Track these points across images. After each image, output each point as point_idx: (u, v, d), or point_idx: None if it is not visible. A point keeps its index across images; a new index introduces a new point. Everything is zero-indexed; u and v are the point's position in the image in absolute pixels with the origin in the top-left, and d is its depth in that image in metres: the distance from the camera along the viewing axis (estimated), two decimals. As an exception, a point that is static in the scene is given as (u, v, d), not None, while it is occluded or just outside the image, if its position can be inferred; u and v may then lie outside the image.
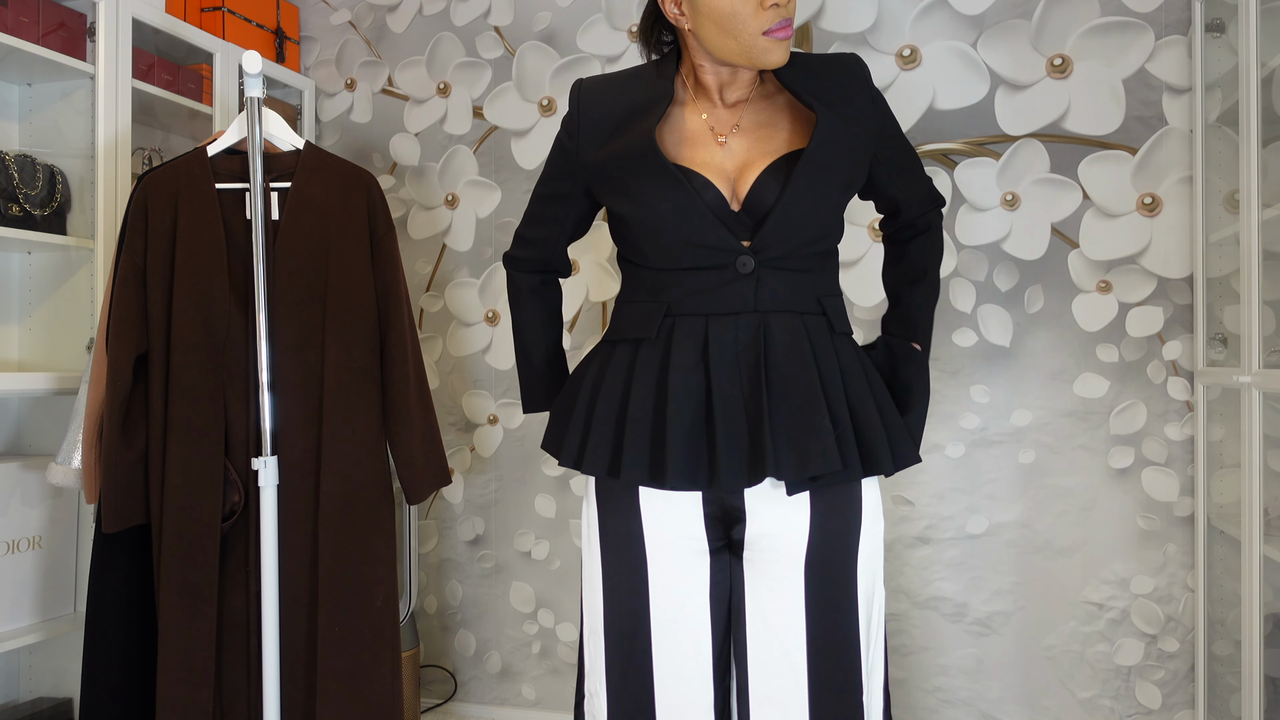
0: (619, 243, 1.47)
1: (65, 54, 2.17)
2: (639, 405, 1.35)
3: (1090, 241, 2.31)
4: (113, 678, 1.90)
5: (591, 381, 1.43)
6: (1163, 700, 2.27)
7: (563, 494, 2.69)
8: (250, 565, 1.92)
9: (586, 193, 1.48)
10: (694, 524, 1.38)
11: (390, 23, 2.87)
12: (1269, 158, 1.96)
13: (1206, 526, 2.19)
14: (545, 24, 2.70)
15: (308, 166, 1.99)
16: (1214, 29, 2.18)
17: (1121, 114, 2.29)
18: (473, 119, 2.78)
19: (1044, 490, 2.34)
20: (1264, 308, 1.91)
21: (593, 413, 1.40)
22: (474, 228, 2.78)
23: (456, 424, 2.79)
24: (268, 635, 1.86)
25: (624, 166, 1.37)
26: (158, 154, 2.56)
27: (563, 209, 1.51)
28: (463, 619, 2.79)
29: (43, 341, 2.29)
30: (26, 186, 2.15)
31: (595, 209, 1.53)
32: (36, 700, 2.29)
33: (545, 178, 1.52)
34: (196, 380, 1.89)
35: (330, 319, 1.95)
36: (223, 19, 2.65)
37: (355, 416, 1.95)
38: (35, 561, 2.21)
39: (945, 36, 2.39)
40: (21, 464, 2.19)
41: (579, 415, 1.42)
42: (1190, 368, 2.25)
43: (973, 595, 2.38)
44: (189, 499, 1.86)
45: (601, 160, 1.40)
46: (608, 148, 1.39)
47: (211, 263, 1.92)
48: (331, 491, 1.91)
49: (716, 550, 1.41)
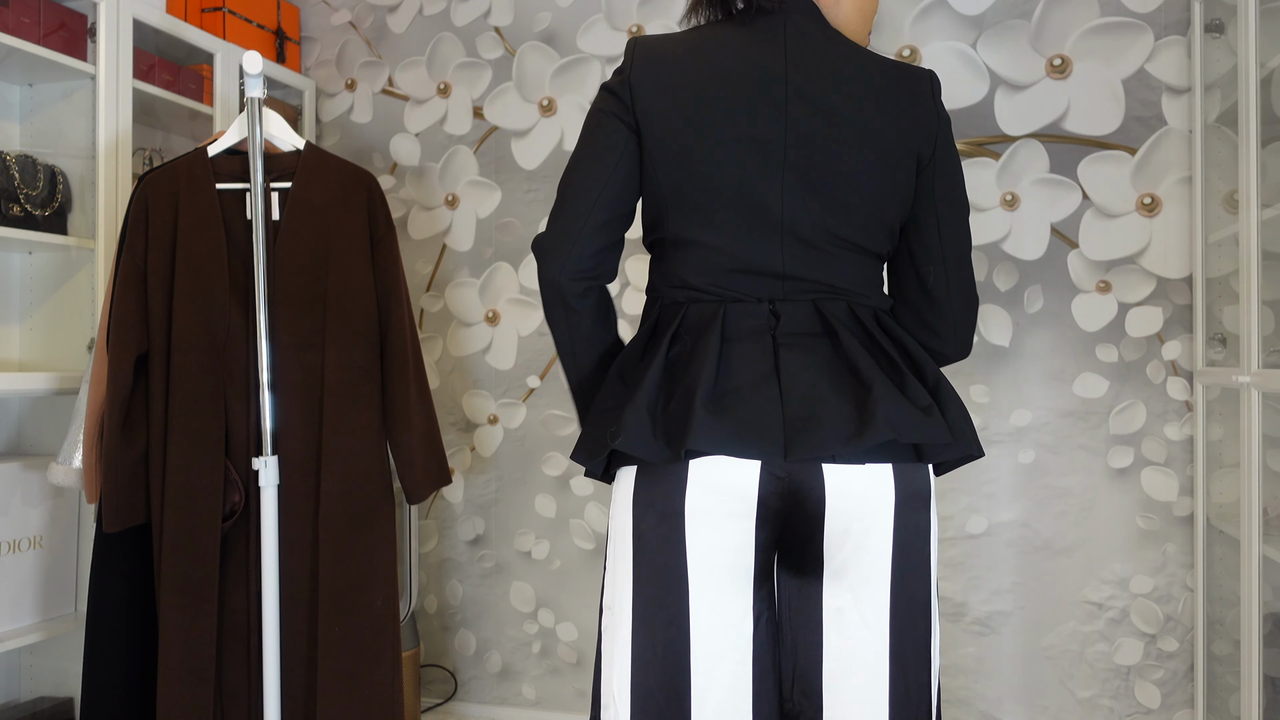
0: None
1: (66, 54, 2.17)
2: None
3: (1090, 242, 2.31)
4: (113, 677, 1.91)
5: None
6: (1162, 700, 2.27)
7: (563, 494, 2.69)
8: (250, 565, 1.92)
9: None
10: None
11: (390, 23, 2.87)
12: (1268, 158, 1.96)
13: (1206, 526, 2.19)
14: (545, 24, 2.71)
15: (308, 167, 2.00)
16: (1213, 29, 2.19)
17: (1121, 114, 2.29)
18: (473, 119, 2.78)
19: (1044, 490, 2.35)
20: (1263, 308, 1.91)
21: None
22: (474, 228, 2.78)
23: (456, 424, 2.79)
24: (268, 635, 1.86)
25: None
26: (158, 154, 2.56)
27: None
28: (463, 619, 2.79)
29: (43, 341, 2.30)
30: (27, 186, 2.16)
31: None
32: (37, 700, 2.29)
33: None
34: (197, 380, 1.89)
35: (330, 319, 1.95)
36: (223, 19, 2.65)
37: (355, 416, 1.95)
38: (36, 561, 2.21)
39: (945, 37, 2.39)
40: (22, 464, 2.19)
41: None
42: (1190, 368, 2.25)
43: (972, 595, 2.39)
44: (189, 499, 1.87)
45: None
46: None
47: (212, 263, 1.92)
48: (332, 491, 1.91)
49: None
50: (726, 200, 1.25)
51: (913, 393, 1.21)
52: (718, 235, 1.26)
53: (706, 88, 1.25)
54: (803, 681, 1.28)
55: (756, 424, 1.19)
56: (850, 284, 1.27)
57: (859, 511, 1.22)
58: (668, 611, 1.24)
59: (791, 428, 1.18)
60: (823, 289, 1.26)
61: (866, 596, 1.24)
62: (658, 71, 1.27)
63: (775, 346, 1.23)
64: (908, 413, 1.18)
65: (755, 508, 1.22)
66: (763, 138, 1.24)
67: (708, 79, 1.26)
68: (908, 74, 1.30)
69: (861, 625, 1.24)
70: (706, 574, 1.23)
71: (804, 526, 1.24)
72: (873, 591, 1.24)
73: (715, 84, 1.25)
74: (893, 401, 1.17)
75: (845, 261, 1.27)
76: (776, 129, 1.24)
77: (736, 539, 1.23)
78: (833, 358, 1.22)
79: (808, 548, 1.25)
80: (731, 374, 1.22)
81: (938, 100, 1.31)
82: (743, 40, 1.27)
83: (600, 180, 1.29)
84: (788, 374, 1.20)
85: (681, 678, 1.24)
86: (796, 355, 1.22)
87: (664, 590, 1.24)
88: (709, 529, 1.23)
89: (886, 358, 1.24)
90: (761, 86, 1.24)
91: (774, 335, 1.24)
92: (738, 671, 1.25)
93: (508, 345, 2.73)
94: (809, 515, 1.23)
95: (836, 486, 1.21)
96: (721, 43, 1.28)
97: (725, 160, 1.25)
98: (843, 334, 1.23)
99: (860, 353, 1.21)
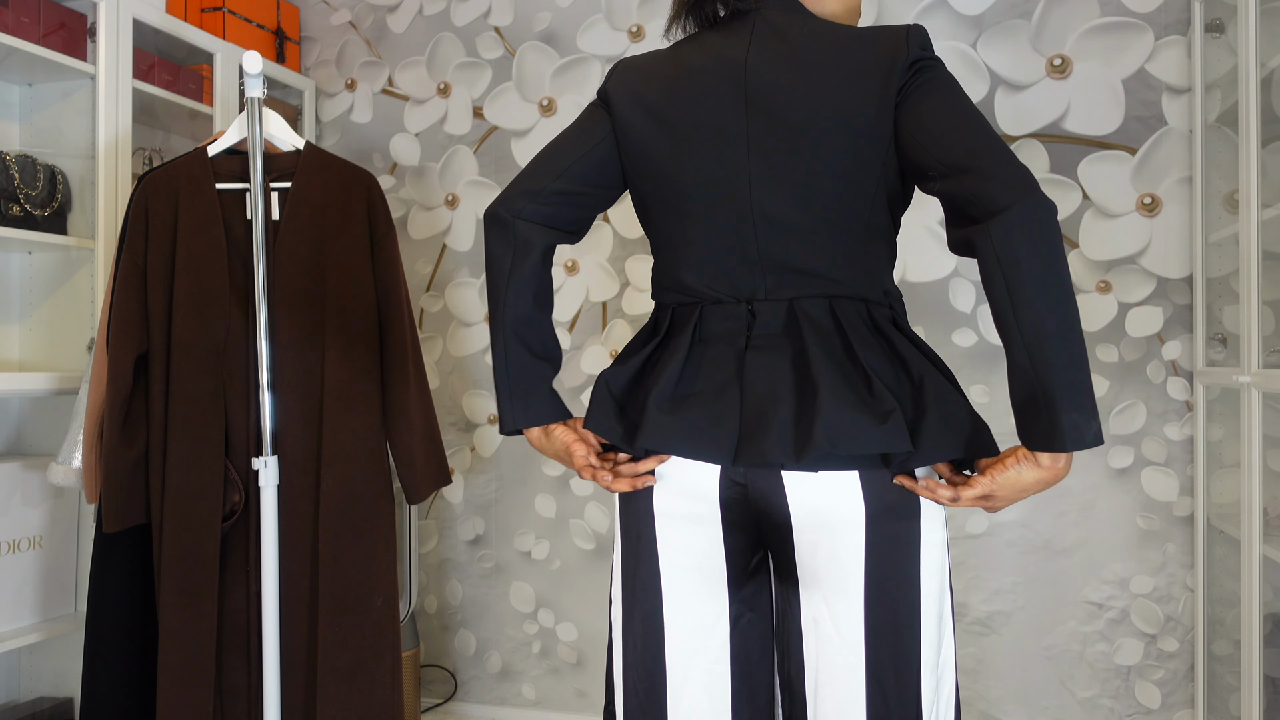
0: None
1: (66, 54, 2.17)
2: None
3: (1090, 241, 2.31)
4: (113, 677, 1.91)
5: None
6: (1162, 700, 2.27)
7: (563, 494, 2.69)
8: (250, 565, 1.92)
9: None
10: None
11: (390, 23, 2.87)
12: (1268, 158, 1.96)
13: (1206, 526, 2.19)
14: (545, 24, 2.70)
15: (308, 167, 2.00)
16: (1213, 29, 2.19)
17: (1121, 114, 2.29)
18: (473, 119, 2.78)
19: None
20: (1263, 308, 1.91)
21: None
22: (474, 228, 2.78)
23: (456, 424, 2.79)
24: (268, 635, 1.86)
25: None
26: (158, 154, 2.56)
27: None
28: (463, 619, 2.79)
29: (43, 341, 2.30)
30: (27, 186, 2.16)
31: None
32: (37, 700, 2.29)
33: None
34: (197, 380, 1.89)
35: (330, 319, 1.95)
36: (223, 19, 2.65)
37: (355, 416, 1.95)
38: (36, 561, 2.21)
39: (945, 37, 2.39)
40: (22, 464, 2.19)
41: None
42: (1190, 368, 2.25)
43: (972, 595, 2.39)
44: (189, 499, 1.87)
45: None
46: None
47: (212, 263, 1.92)
48: (332, 491, 1.91)
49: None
50: (698, 194, 1.24)
51: (875, 398, 1.12)
52: (694, 230, 1.25)
53: (674, 87, 1.26)
54: (790, 686, 1.28)
55: (710, 427, 1.17)
56: (831, 270, 1.20)
57: (826, 524, 1.18)
58: (644, 609, 1.27)
59: (745, 433, 1.16)
60: (804, 279, 1.21)
61: (841, 609, 1.20)
62: (633, 82, 1.29)
63: (747, 348, 1.21)
64: (856, 421, 1.11)
65: (719, 512, 1.22)
66: (726, 128, 1.22)
67: (676, 79, 1.26)
68: (883, 33, 1.19)
69: (836, 637, 1.21)
70: (677, 574, 1.25)
71: (775, 534, 1.23)
72: (847, 604, 1.19)
73: (682, 83, 1.25)
74: (838, 410, 1.11)
75: (824, 243, 1.20)
76: (738, 116, 1.22)
77: (705, 542, 1.24)
78: (797, 360, 1.17)
79: (781, 555, 1.25)
80: (698, 376, 1.21)
81: (913, 46, 1.17)
82: (713, 41, 1.27)
83: (576, 153, 1.30)
84: (751, 377, 1.17)
85: (658, 676, 1.26)
86: (762, 358, 1.19)
87: (642, 588, 1.27)
88: (677, 530, 1.24)
89: (852, 359, 1.16)
90: (723, 77, 1.23)
91: (748, 336, 1.22)
92: (714, 670, 1.26)
93: (508, 345, 2.73)
94: (776, 524, 1.22)
95: (799, 496, 1.18)
96: (695, 47, 1.28)
97: (693, 155, 1.24)
98: (808, 335, 1.17)
99: (819, 355, 1.15)
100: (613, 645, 1.34)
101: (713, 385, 1.19)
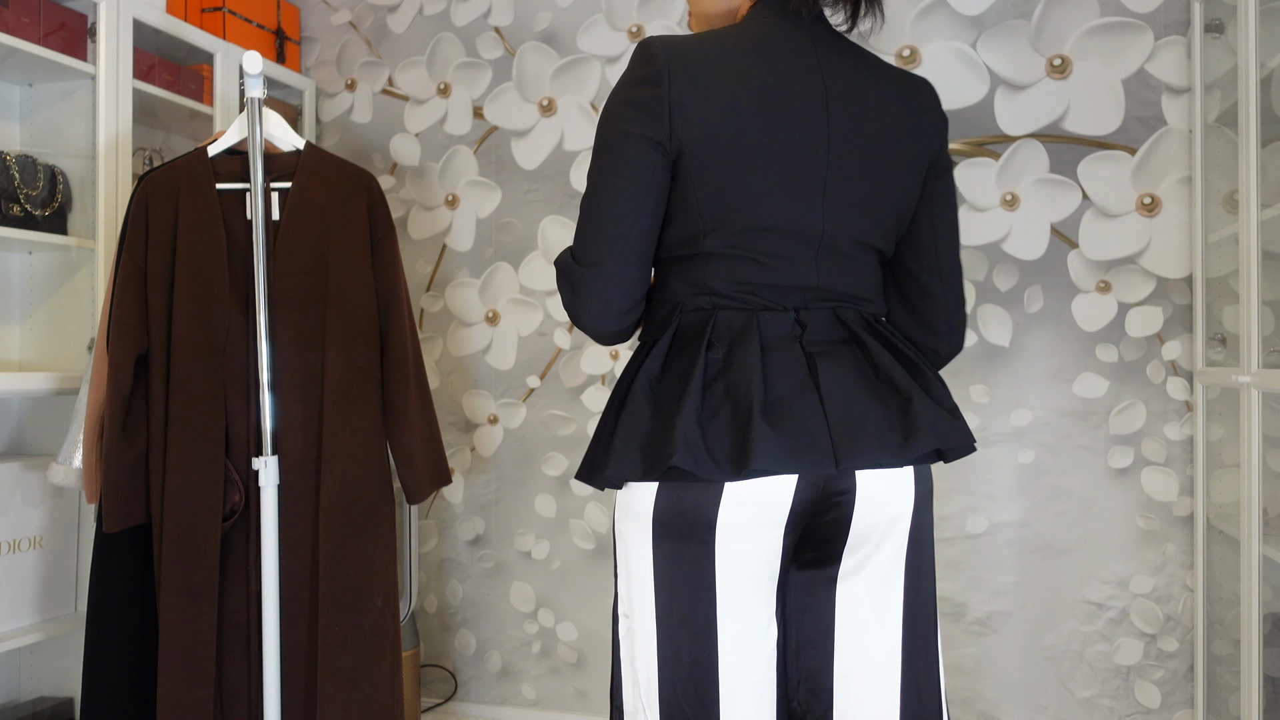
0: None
1: (66, 54, 2.17)
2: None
3: (1090, 241, 2.31)
4: (113, 677, 1.91)
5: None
6: (1162, 700, 2.27)
7: (563, 494, 2.69)
8: (250, 565, 1.92)
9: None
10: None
11: (390, 23, 2.87)
12: (1268, 158, 1.96)
13: (1206, 526, 2.19)
14: (545, 24, 2.71)
15: (308, 167, 2.00)
16: (1213, 29, 2.19)
17: (1121, 114, 2.29)
18: (473, 119, 2.78)
19: (1043, 490, 2.35)
20: (1263, 308, 1.91)
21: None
22: (474, 228, 2.78)
23: (456, 424, 2.79)
24: (268, 635, 1.86)
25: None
26: (158, 154, 2.56)
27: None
28: (463, 619, 2.79)
29: (43, 341, 2.30)
30: (27, 186, 2.16)
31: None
32: (37, 700, 2.29)
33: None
34: (197, 380, 1.89)
35: (330, 319, 1.95)
36: (223, 19, 2.65)
37: (355, 416, 1.95)
38: (36, 561, 2.21)
39: (945, 37, 2.39)
40: (22, 464, 2.19)
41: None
42: (1190, 368, 2.25)
43: (972, 595, 2.39)
44: (189, 499, 1.87)
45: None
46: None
47: (212, 263, 1.92)
48: (332, 491, 1.91)
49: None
50: (771, 224, 1.23)
51: (939, 396, 1.25)
52: (759, 253, 1.24)
53: (748, 110, 1.21)
54: (812, 681, 1.28)
55: (806, 437, 1.18)
56: (862, 289, 1.29)
57: (884, 513, 1.24)
58: (694, 623, 1.23)
59: (839, 438, 1.19)
60: (839, 297, 1.27)
61: (882, 594, 1.26)
62: (696, 90, 1.20)
63: (806, 354, 1.22)
64: (943, 419, 1.23)
65: (787, 516, 1.22)
66: (806, 160, 1.22)
67: (748, 99, 1.21)
68: (917, 82, 1.34)
69: (876, 622, 1.25)
70: (735, 583, 1.22)
71: (830, 528, 1.24)
72: (889, 589, 1.26)
73: (757, 106, 1.21)
74: (932, 410, 1.22)
75: (864, 266, 1.29)
76: (819, 150, 1.23)
77: (768, 547, 1.22)
78: (864, 365, 1.24)
79: (827, 548, 1.26)
80: (776, 384, 1.21)
81: (940, 106, 1.36)
82: (772, 50, 1.25)
83: (642, 223, 1.23)
84: (826, 383, 1.20)
85: (709, 688, 1.23)
86: (830, 364, 1.22)
87: (690, 602, 1.23)
88: (738, 539, 1.21)
89: (911, 363, 1.26)
90: (804, 108, 1.23)
91: (802, 343, 1.23)
92: (765, 678, 1.26)
93: (508, 345, 2.73)
94: (837, 518, 1.23)
95: (868, 490, 1.23)
96: (752, 51, 1.24)
97: (772, 187, 1.22)
98: (869, 342, 1.24)
99: (890, 361, 1.23)
100: (625, 663, 1.29)
101: (790, 392, 1.20)
